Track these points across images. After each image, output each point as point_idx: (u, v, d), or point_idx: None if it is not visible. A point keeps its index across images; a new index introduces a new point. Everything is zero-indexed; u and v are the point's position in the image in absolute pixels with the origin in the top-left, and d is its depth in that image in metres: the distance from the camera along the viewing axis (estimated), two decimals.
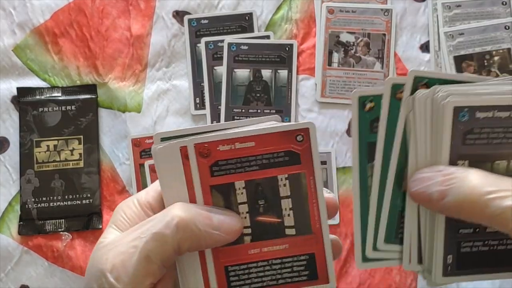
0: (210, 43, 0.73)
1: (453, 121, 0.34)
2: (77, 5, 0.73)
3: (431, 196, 0.34)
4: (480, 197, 0.32)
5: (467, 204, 0.33)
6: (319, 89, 0.72)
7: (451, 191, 0.33)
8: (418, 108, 0.35)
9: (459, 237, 0.36)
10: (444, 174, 0.34)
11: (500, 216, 0.32)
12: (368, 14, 0.73)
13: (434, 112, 0.34)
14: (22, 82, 0.72)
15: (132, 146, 0.71)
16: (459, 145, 0.34)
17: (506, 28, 0.71)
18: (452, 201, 0.33)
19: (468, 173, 0.34)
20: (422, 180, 0.35)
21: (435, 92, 0.34)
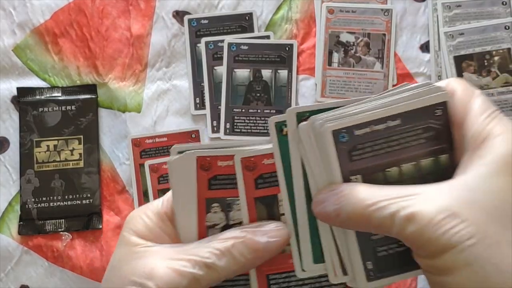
0: (210, 43, 0.73)
1: (335, 143, 0.37)
2: (77, 5, 0.73)
3: (329, 215, 0.37)
4: (363, 210, 0.35)
5: (356, 219, 0.35)
6: (319, 89, 0.72)
7: (342, 209, 0.36)
8: (304, 139, 0.38)
9: (373, 243, 0.38)
10: (335, 193, 0.36)
11: (382, 225, 0.34)
12: (368, 14, 0.73)
13: (317, 139, 0.37)
14: (22, 82, 0.73)
15: (132, 146, 0.71)
16: (347, 163, 0.37)
17: (506, 28, 0.71)
18: (345, 217, 0.36)
19: (354, 188, 0.36)
20: (320, 201, 0.37)
21: (313, 122, 0.37)
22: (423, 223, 0.32)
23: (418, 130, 0.37)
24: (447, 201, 0.33)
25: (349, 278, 0.39)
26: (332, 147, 0.37)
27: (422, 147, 0.37)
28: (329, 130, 0.37)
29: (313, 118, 0.37)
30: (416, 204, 0.33)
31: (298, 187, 0.39)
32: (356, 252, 0.38)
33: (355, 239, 0.37)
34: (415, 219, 0.33)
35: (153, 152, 0.71)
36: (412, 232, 0.33)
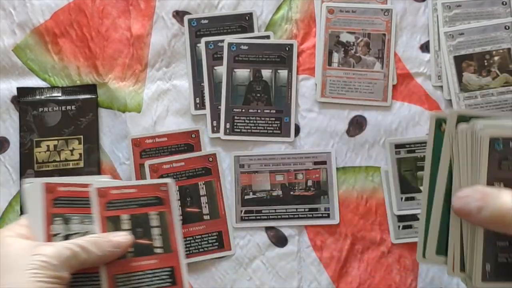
0: (210, 43, 0.73)
1: (489, 149, 0.41)
2: (77, 5, 0.73)
3: (471, 211, 0.41)
4: (509, 211, 0.39)
5: (499, 218, 0.39)
6: (319, 89, 0.72)
7: (486, 206, 0.40)
8: (461, 139, 0.42)
9: (496, 248, 0.41)
10: (481, 193, 0.41)
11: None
12: (368, 14, 0.73)
13: (474, 142, 0.41)
14: (22, 82, 0.72)
15: (132, 146, 0.71)
16: (495, 170, 0.41)
17: (506, 28, 0.71)
18: (487, 215, 0.40)
19: (501, 192, 0.40)
20: (463, 197, 0.41)
21: (475, 125, 0.41)
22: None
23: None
24: None
25: (465, 275, 0.43)
26: (486, 152, 0.40)
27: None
28: (487, 136, 0.40)
29: (475, 122, 0.41)
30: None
31: (440, 182, 0.43)
32: (479, 252, 0.41)
33: (482, 240, 0.41)
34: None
35: (153, 152, 0.71)
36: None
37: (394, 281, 0.69)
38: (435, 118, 0.44)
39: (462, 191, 0.42)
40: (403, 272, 0.69)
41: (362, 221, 0.70)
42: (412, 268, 0.69)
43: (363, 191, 0.70)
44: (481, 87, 0.70)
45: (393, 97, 0.72)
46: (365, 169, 0.71)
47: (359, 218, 0.70)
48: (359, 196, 0.70)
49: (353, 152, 0.71)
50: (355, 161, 0.71)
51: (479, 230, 0.42)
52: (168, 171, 0.70)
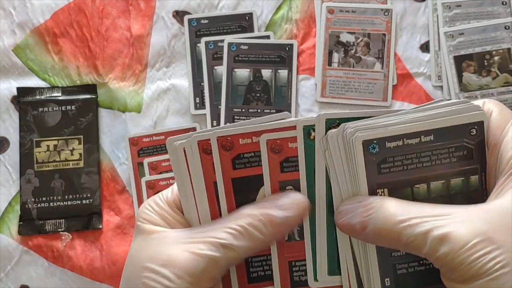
0: (210, 43, 0.73)
1: (364, 154, 0.36)
2: (77, 5, 0.74)
3: (354, 227, 0.35)
4: (394, 226, 0.34)
5: (385, 234, 0.34)
6: (319, 89, 0.72)
7: (370, 222, 0.35)
8: (332, 146, 0.37)
9: (393, 260, 0.37)
10: (364, 205, 0.35)
11: (413, 243, 0.33)
12: (368, 14, 0.73)
13: (346, 148, 0.36)
14: (22, 82, 0.73)
15: (129, 145, 0.71)
16: (375, 175, 0.36)
17: (506, 28, 0.71)
18: (372, 231, 0.34)
19: (384, 202, 0.35)
20: (345, 212, 0.36)
21: (344, 129, 0.36)
22: (457, 246, 0.32)
23: (451, 148, 0.36)
24: (483, 225, 0.32)
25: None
26: (361, 158, 0.36)
27: (453, 166, 0.37)
28: (360, 140, 0.36)
29: (344, 126, 0.36)
30: (451, 225, 0.32)
31: (320, 195, 0.38)
32: (375, 268, 0.37)
33: (375, 255, 0.37)
34: (448, 240, 0.32)
35: (151, 150, 0.71)
36: (445, 254, 0.32)
37: None
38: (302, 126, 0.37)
39: (343, 205, 0.36)
40: None
41: None
42: None
43: None
44: (481, 87, 0.70)
45: (393, 97, 0.72)
46: None
47: None
48: None
49: None
50: None
51: (371, 244, 0.36)
52: (167, 169, 0.70)
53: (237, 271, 0.39)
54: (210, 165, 0.38)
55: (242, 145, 0.38)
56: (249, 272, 0.39)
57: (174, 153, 0.38)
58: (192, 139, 0.38)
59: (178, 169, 0.38)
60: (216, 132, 0.37)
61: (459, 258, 0.31)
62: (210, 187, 0.38)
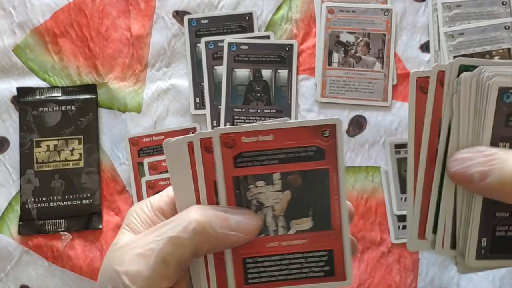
0: (210, 43, 0.73)
1: (497, 102, 0.34)
2: (77, 5, 0.74)
3: (472, 176, 0.34)
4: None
5: (509, 186, 0.33)
6: (319, 89, 0.72)
7: (493, 172, 0.33)
8: (463, 89, 0.35)
9: (495, 220, 0.36)
10: (486, 155, 0.34)
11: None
12: (368, 14, 0.73)
13: (479, 92, 0.34)
14: (22, 82, 0.73)
15: (129, 145, 0.71)
16: (502, 127, 0.34)
17: (506, 28, 0.71)
18: (494, 182, 0.33)
19: (510, 154, 0.33)
20: (462, 160, 0.34)
21: (481, 73, 0.34)
22: None
23: None
24: None
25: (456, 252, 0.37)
26: (493, 105, 0.34)
27: None
28: (496, 85, 0.34)
29: (481, 69, 0.35)
30: None
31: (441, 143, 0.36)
32: (476, 225, 0.35)
33: (479, 211, 0.35)
34: None
35: (151, 150, 0.71)
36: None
37: (394, 281, 0.68)
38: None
39: (461, 153, 0.35)
40: (403, 272, 0.69)
41: (362, 221, 0.70)
42: (412, 268, 0.68)
43: (363, 191, 0.70)
44: None
45: (393, 97, 0.72)
46: (365, 169, 0.71)
47: (359, 218, 0.70)
48: (359, 196, 0.70)
49: (353, 152, 0.71)
50: (355, 161, 0.71)
51: (478, 199, 0.35)
52: (167, 168, 0.70)
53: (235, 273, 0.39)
54: (211, 164, 0.37)
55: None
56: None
57: (173, 151, 0.38)
58: (195, 136, 0.37)
59: (176, 166, 0.38)
60: (219, 129, 0.37)
61: None
62: (210, 185, 0.38)
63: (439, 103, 0.36)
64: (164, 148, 0.38)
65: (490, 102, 0.34)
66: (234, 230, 0.36)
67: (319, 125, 0.37)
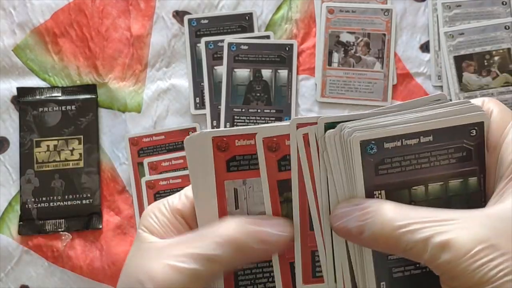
0: (210, 43, 0.73)
1: (362, 154, 0.35)
2: (77, 5, 0.74)
3: (351, 231, 0.34)
4: (392, 232, 0.32)
5: (382, 239, 0.33)
6: (319, 89, 0.72)
7: (367, 227, 0.33)
8: (329, 147, 0.36)
9: (389, 263, 0.36)
10: (360, 209, 0.34)
11: (413, 250, 0.32)
12: (368, 14, 0.73)
13: (344, 148, 0.35)
14: (22, 82, 0.73)
15: (129, 145, 0.71)
16: (373, 177, 0.35)
17: (506, 28, 0.71)
18: (369, 236, 0.33)
19: (381, 206, 0.34)
20: (341, 215, 0.35)
21: (342, 130, 0.35)
22: (459, 253, 0.31)
23: (450, 149, 0.36)
24: (485, 232, 0.31)
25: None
26: (359, 158, 0.35)
27: (452, 167, 0.36)
28: (357, 140, 0.35)
29: (341, 126, 0.35)
30: (452, 231, 0.31)
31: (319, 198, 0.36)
32: (371, 271, 0.36)
33: (371, 258, 0.36)
34: (450, 248, 0.31)
35: (151, 150, 0.71)
36: (446, 261, 0.31)
37: None
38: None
39: (340, 208, 0.35)
40: None
41: None
42: None
43: None
44: (481, 87, 0.70)
45: (393, 97, 0.72)
46: None
47: None
48: None
49: None
50: None
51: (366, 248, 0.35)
52: (167, 169, 0.70)
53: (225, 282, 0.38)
54: (223, 163, 0.37)
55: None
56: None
57: (196, 147, 0.36)
58: (207, 133, 0.36)
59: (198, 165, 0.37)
60: (212, 132, 0.36)
61: (462, 266, 0.30)
62: (221, 185, 0.37)
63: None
64: (185, 145, 0.36)
65: (356, 156, 0.35)
66: (268, 243, 0.36)
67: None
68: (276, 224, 0.36)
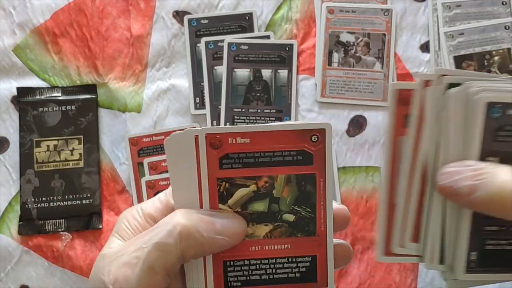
0: (210, 43, 0.73)
1: (485, 117, 0.34)
2: (77, 5, 0.74)
3: (460, 190, 0.34)
4: (510, 192, 0.32)
5: (498, 200, 0.32)
6: (319, 89, 0.72)
7: (481, 186, 0.33)
8: (451, 104, 0.35)
9: (484, 234, 0.35)
10: (474, 169, 0.34)
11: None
12: (368, 14, 0.73)
13: (467, 107, 0.34)
14: (22, 82, 0.73)
15: (129, 145, 0.71)
16: (490, 142, 0.34)
17: (506, 28, 0.71)
18: (482, 197, 0.33)
19: (499, 169, 0.33)
20: (451, 174, 0.34)
21: (468, 88, 0.34)
22: None
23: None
24: None
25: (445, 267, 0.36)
26: (481, 120, 0.34)
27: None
28: (484, 101, 0.34)
29: (468, 84, 0.34)
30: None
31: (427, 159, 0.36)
32: (464, 239, 0.35)
33: (468, 224, 0.35)
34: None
35: (151, 150, 0.71)
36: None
37: (394, 281, 0.68)
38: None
39: (450, 166, 0.34)
40: (403, 272, 0.69)
41: (362, 221, 0.70)
42: (412, 268, 0.68)
43: (363, 191, 0.70)
44: None
45: None
46: (365, 169, 0.71)
47: (359, 218, 0.70)
48: (359, 196, 0.70)
49: (353, 152, 0.71)
50: (355, 161, 0.71)
51: (466, 213, 0.35)
52: (167, 169, 0.70)
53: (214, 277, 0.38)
54: (216, 160, 0.36)
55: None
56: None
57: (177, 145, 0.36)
58: (201, 130, 0.36)
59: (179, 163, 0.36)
60: (205, 129, 0.36)
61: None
62: (213, 181, 0.37)
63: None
64: (166, 144, 0.36)
65: (478, 117, 0.34)
66: (220, 234, 0.35)
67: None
68: (228, 217, 0.36)
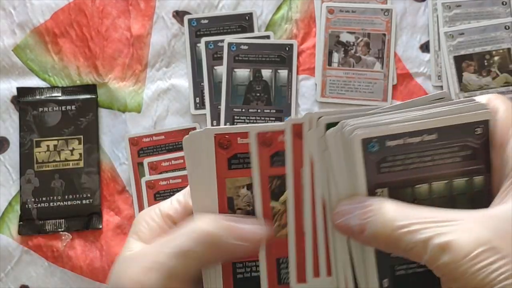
0: (210, 43, 0.73)
1: (363, 153, 0.34)
2: (77, 5, 0.74)
3: (352, 229, 0.34)
4: (393, 231, 0.32)
5: (383, 239, 0.33)
6: (319, 89, 0.72)
7: (368, 225, 0.33)
8: (330, 144, 0.35)
9: (392, 260, 0.35)
10: (362, 207, 0.34)
11: (413, 250, 0.32)
12: (368, 14, 0.73)
13: (345, 146, 0.35)
14: (22, 82, 0.73)
15: (129, 145, 0.71)
16: (375, 175, 0.35)
17: (506, 28, 0.71)
18: (370, 235, 0.33)
19: (383, 205, 0.33)
20: (343, 212, 0.35)
21: (343, 127, 0.35)
22: (459, 255, 0.30)
23: (454, 147, 0.35)
24: (487, 233, 0.31)
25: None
26: (360, 156, 0.34)
27: (457, 165, 0.35)
28: (359, 138, 0.34)
29: (342, 123, 0.35)
30: (453, 233, 0.31)
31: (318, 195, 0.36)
32: (373, 269, 0.35)
33: (373, 255, 0.35)
34: (450, 249, 0.30)
35: (151, 150, 0.71)
36: (446, 263, 0.30)
37: None
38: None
39: (342, 205, 0.35)
40: None
41: None
42: None
43: None
44: (481, 87, 0.70)
45: (393, 97, 0.72)
46: None
47: None
48: None
49: None
50: None
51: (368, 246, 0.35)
52: (167, 169, 0.70)
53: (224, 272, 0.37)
54: (225, 160, 0.36)
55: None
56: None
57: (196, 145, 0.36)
58: (209, 131, 0.36)
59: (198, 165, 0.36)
60: (213, 129, 0.36)
61: (461, 268, 0.30)
62: (222, 183, 0.37)
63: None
64: (184, 143, 0.36)
65: (357, 154, 0.34)
66: (243, 240, 0.35)
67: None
68: (252, 222, 0.36)
